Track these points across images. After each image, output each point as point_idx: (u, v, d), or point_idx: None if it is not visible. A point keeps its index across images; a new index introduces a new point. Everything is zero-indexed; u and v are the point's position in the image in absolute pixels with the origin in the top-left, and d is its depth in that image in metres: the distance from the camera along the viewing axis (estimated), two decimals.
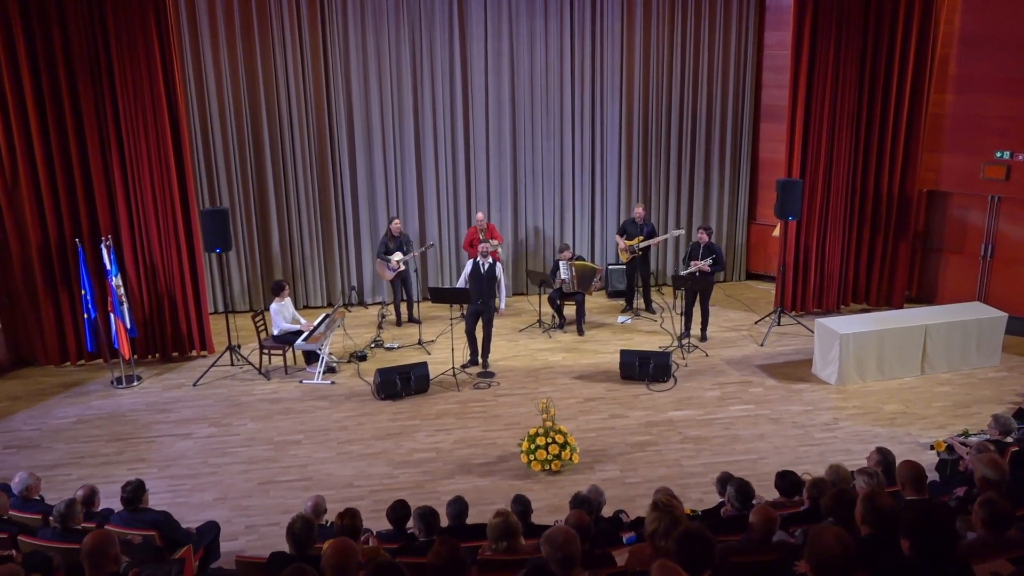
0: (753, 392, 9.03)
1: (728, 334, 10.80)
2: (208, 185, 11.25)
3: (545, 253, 12.45)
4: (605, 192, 12.41)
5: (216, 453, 7.91)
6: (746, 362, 9.86)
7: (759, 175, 12.67)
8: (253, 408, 8.85)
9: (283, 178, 11.45)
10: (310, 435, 8.23)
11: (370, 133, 11.56)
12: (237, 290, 11.72)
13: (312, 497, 5.52)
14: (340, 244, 11.90)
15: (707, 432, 8.14)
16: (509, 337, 10.80)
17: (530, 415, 8.42)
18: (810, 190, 10.87)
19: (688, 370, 9.63)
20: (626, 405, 8.77)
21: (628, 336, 10.77)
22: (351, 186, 11.70)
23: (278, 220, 11.58)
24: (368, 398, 9.05)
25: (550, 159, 12.11)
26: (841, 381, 9.15)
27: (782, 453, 7.70)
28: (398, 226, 10.95)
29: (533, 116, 11.90)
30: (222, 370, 9.81)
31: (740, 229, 12.85)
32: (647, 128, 12.24)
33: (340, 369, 9.85)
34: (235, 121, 11.12)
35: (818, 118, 10.67)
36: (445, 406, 8.81)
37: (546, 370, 9.73)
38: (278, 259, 11.70)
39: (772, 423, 8.31)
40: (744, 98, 12.30)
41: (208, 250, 9.68)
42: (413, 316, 11.32)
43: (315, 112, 11.31)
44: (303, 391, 9.27)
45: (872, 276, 11.43)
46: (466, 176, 11.96)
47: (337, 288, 12.05)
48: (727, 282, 12.95)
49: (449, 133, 11.76)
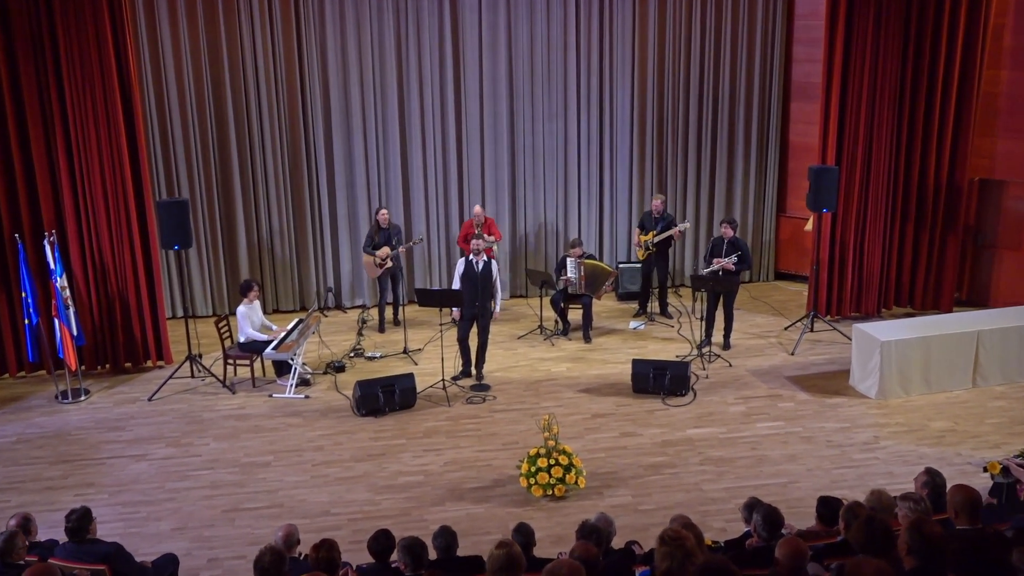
0: (783, 407, 9.02)
1: (754, 341, 10.79)
2: (165, 174, 11.24)
3: (547, 250, 12.45)
4: (615, 182, 12.41)
5: (174, 477, 7.88)
6: (775, 373, 9.85)
7: (789, 162, 12.67)
8: (216, 426, 8.83)
9: (250, 166, 11.45)
10: (281, 456, 8.20)
11: (349, 116, 11.55)
12: (198, 292, 11.70)
13: (283, 526, 5.50)
14: (315, 240, 11.90)
15: (731, 452, 8.13)
16: (506, 345, 10.79)
17: (530, 433, 8.41)
18: (847, 178, 10.88)
19: (709, 382, 9.62)
20: (639, 422, 8.75)
21: (641, 344, 10.75)
22: (328, 175, 11.69)
23: (244, 213, 11.57)
24: (347, 414, 9.04)
25: (552, 145, 12.10)
26: (882, 395, 9.15)
27: (816, 476, 7.69)
28: (386, 216, 10.95)
29: (533, 96, 11.90)
30: (181, 383, 9.79)
31: (768, 223, 12.86)
32: (662, 109, 12.24)
33: (315, 381, 9.83)
34: (196, 101, 11.11)
35: (856, 97, 10.67)
36: (434, 423, 8.79)
37: (548, 382, 9.72)
38: (245, 257, 11.69)
39: (804, 442, 8.30)
40: (772, 75, 12.31)
41: (165, 247, 9.66)
42: (398, 319, 11.32)
43: (286, 92, 11.30)
44: (273, 406, 9.25)
45: (917, 276, 11.43)
46: (457, 164, 11.95)
47: (312, 290, 12.04)
48: (753, 282, 12.94)
49: (439, 115, 11.76)
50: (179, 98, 11.04)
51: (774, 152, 12.58)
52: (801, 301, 12.01)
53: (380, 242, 10.94)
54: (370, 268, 11.12)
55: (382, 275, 11.06)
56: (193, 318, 10.95)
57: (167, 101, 11.02)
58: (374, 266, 11.00)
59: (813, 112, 11.52)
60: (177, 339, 10.60)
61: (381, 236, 10.95)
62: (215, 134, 11.28)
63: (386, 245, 10.91)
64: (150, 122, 10.98)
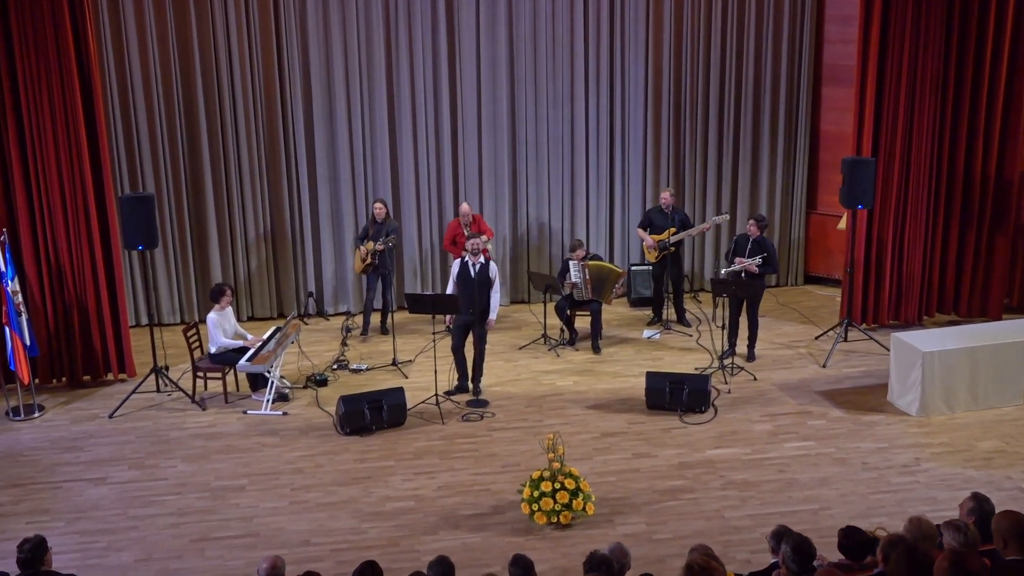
0: (813, 425, 9.02)
1: (782, 352, 10.79)
2: (129, 166, 11.26)
3: (551, 251, 12.46)
4: (627, 174, 12.42)
5: (138, 502, 7.88)
6: (805, 387, 9.84)
7: (820, 153, 12.68)
8: (184, 446, 8.83)
9: (223, 157, 11.46)
10: (256, 480, 8.20)
11: (332, 101, 11.56)
12: (165, 298, 11.71)
13: (268, 558, 5.48)
14: (294, 240, 11.91)
15: (756, 476, 8.12)
16: (507, 356, 10.78)
17: (533, 454, 8.40)
18: (885, 171, 10.88)
19: (732, 398, 9.62)
20: (654, 442, 8.75)
21: (656, 355, 10.76)
22: (308, 168, 11.70)
23: (216, 210, 11.58)
24: (329, 433, 9.03)
25: (558, 134, 12.12)
26: (924, 412, 9.14)
27: (850, 502, 7.68)
28: (382, 210, 10.98)
29: (536, 80, 11.92)
30: (145, 398, 9.79)
31: (796, 220, 12.87)
32: (679, 94, 12.26)
33: (294, 396, 9.83)
34: (162, 86, 11.12)
35: (894, 80, 10.68)
36: (426, 443, 8.79)
37: (553, 397, 9.71)
38: (216, 258, 11.70)
39: (838, 464, 8.30)
40: (801, 56, 12.32)
41: (129, 247, 9.67)
42: (386, 326, 11.33)
43: (262, 74, 11.32)
44: (247, 424, 9.25)
45: (963, 280, 11.43)
46: (452, 156, 11.97)
47: (290, 295, 12.05)
48: (781, 286, 12.94)
49: (431, 101, 11.77)
50: (143, 82, 11.05)
51: (803, 142, 12.59)
52: (834, 307, 12.00)
53: (372, 237, 10.96)
54: (357, 262, 11.14)
55: (370, 273, 11.06)
56: (159, 326, 10.94)
57: (130, 85, 11.03)
58: (360, 261, 11.01)
59: (847, 98, 11.52)
60: (141, 349, 10.59)
61: (375, 231, 10.96)
62: (183, 122, 11.29)
63: (373, 241, 10.91)
64: (111, 109, 11.00)
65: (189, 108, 11.27)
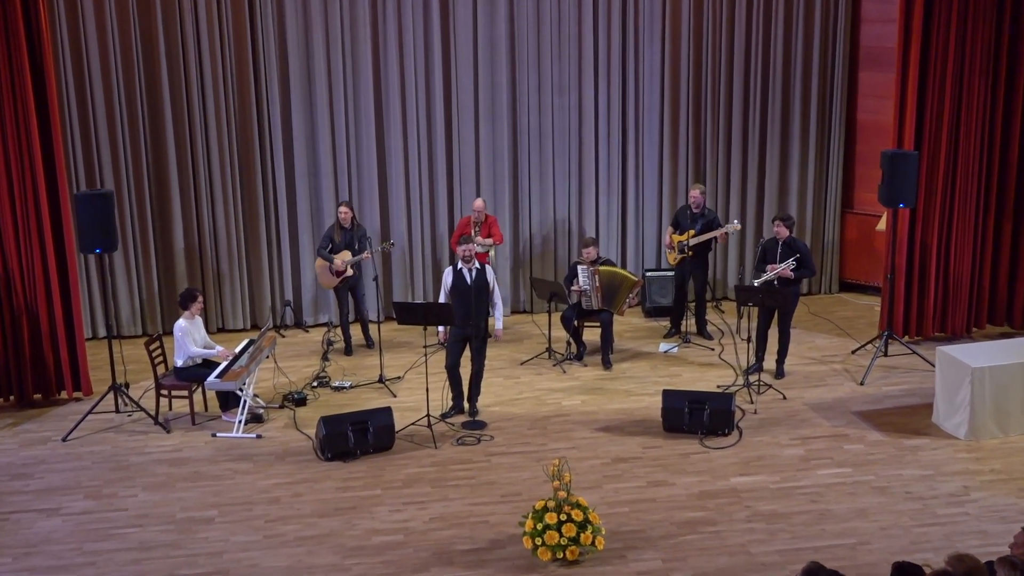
0: (850, 450, 9.01)
1: (814, 368, 10.78)
2: (85, 161, 11.28)
3: (557, 254, 12.46)
4: (641, 170, 12.43)
5: (95, 536, 7.87)
6: (840, 407, 9.84)
7: (857, 145, 12.69)
8: (146, 472, 8.82)
9: (190, 151, 11.47)
10: (227, 510, 8.19)
11: (312, 87, 11.58)
12: (125, 307, 11.71)
13: None
14: (270, 243, 11.91)
15: (786, 506, 8.12)
16: (507, 372, 10.79)
17: (536, 482, 8.40)
18: (929, 166, 10.88)
19: (759, 419, 9.62)
20: (671, 468, 8.75)
21: (674, 371, 10.75)
22: (285, 163, 11.72)
23: (183, 209, 11.59)
24: (309, 458, 9.03)
25: (564, 125, 12.14)
26: (973, 435, 9.13)
27: (892, 536, 7.68)
28: (348, 214, 10.95)
29: (540, 65, 11.94)
30: (103, 419, 9.79)
31: (831, 221, 12.87)
32: (699, 79, 12.28)
33: (269, 417, 9.83)
34: (123, 73, 11.14)
35: (940, 64, 10.69)
36: (417, 469, 8.79)
37: (558, 418, 9.71)
38: (183, 263, 11.71)
39: (877, 494, 8.29)
40: (836, 37, 12.34)
41: (85, 250, 9.67)
42: (370, 341, 11.32)
43: (234, 58, 11.34)
44: (217, 448, 9.24)
45: (1016, 287, 11.43)
46: (446, 149, 11.98)
47: (265, 304, 12.05)
48: (813, 294, 12.95)
49: (423, 88, 11.79)
50: (102, 66, 11.07)
51: (838, 133, 12.60)
52: (872, 318, 12.00)
53: (340, 246, 10.94)
54: (323, 276, 11.12)
55: (340, 287, 11.06)
56: (118, 339, 10.94)
57: (87, 69, 11.05)
58: (329, 274, 10.99)
59: (887, 83, 11.53)
60: (98, 365, 10.59)
61: (343, 238, 10.94)
62: (146, 110, 11.30)
63: (347, 249, 10.91)
64: (66, 98, 11.02)
65: (152, 94, 11.28)
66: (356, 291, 11.18)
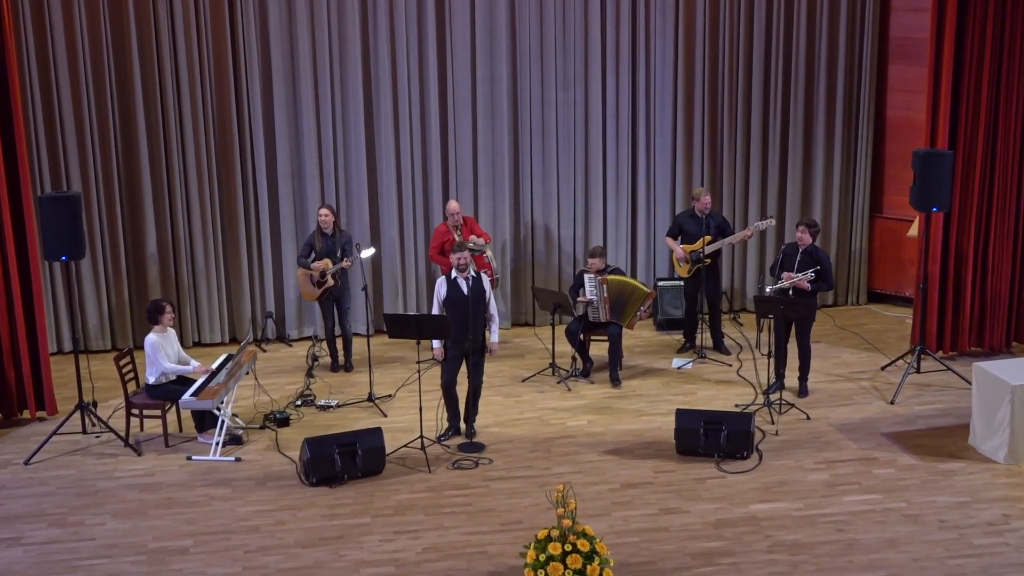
0: (880, 475, 9.01)
1: (840, 385, 10.78)
2: (51, 161, 11.29)
3: (561, 263, 12.47)
4: (652, 170, 12.44)
5: (60, 567, 7.84)
6: (868, 428, 9.83)
7: (886, 144, 12.71)
8: (116, 498, 8.81)
9: (163, 150, 11.49)
10: (203, 540, 8.18)
11: (296, 81, 11.60)
12: (93, 319, 11.72)
13: None
14: (250, 250, 11.93)
15: (809, 536, 8.11)
16: (507, 390, 10.78)
17: (539, 510, 8.39)
18: (965, 166, 10.89)
19: (780, 440, 9.61)
20: (686, 494, 8.74)
21: (688, 388, 10.75)
22: (267, 162, 11.73)
23: (156, 213, 11.60)
24: (292, 483, 9.02)
25: (568, 122, 12.16)
26: (1014, 458, 9.12)
27: (925, 568, 7.66)
28: (329, 218, 10.94)
29: (543, 57, 11.96)
30: (69, 441, 9.78)
31: (858, 226, 12.88)
32: (715, 73, 12.30)
33: (249, 439, 9.82)
34: (92, 64, 11.16)
35: (976, 57, 10.70)
36: (409, 495, 8.78)
37: (563, 440, 9.71)
38: (155, 272, 11.72)
39: (909, 522, 8.28)
40: (864, 27, 12.36)
41: (50, 258, 9.67)
42: (349, 362, 11.33)
43: (212, 49, 11.35)
44: (192, 472, 9.24)
45: None
46: (442, 147, 12.00)
47: (245, 316, 12.06)
48: (839, 306, 12.95)
49: (416, 83, 11.81)
50: (69, 59, 11.08)
51: (866, 132, 12.62)
52: (904, 331, 12.00)
53: (322, 254, 10.94)
54: (305, 287, 11.11)
55: (323, 298, 11.06)
56: (86, 353, 10.93)
57: (53, 64, 11.07)
58: (311, 285, 10.99)
59: (919, 78, 11.54)
60: (64, 381, 10.59)
61: (324, 245, 10.93)
62: (116, 106, 11.32)
63: (329, 257, 10.91)
64: (30, 92, 11.03)
65: (123, 88, 11.30)
66: (340, 304, 11.16)
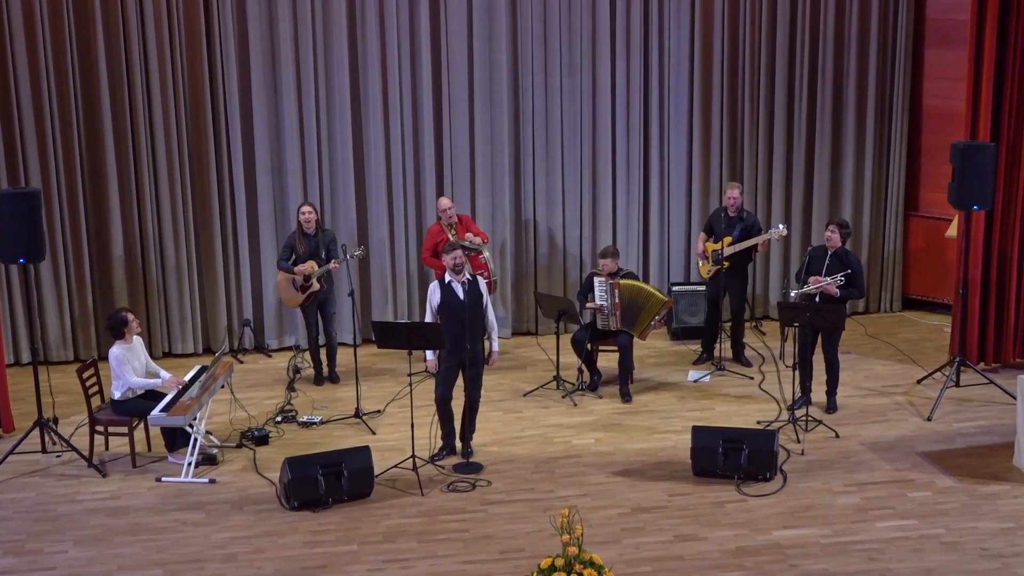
0: (915, 498, 9.00)
1: (872, 400, 10.78)
2: (7, 156, 11.31)
3: (566, 266, 12.49)
4: (666, 166, 12.46)
5: None
6: (903, 447, 9.83)
7: (922, 136, 12.72)
8: (79, 524, 8.80)
9: (131, 143, 11.50)
10: (174, 569, 8.17)
11: (277, 66, 11.62)
12: (54, 328, 11.72)
13: None
14: (225, 252, 11.94)
15: (839, 565, 8.11)
16: (507, 405, 10.79)
17: (542, 536, 8.39)
18: (1009, 160, 10.89)
19: (806, 460, 9.61)
20: (703, 520, 8.74)
21: (706, 404, 10.76)
22: (245, 155, 11.75)
23: (123, 212, 11.61)
24: (271, 507, 9.02)
25: (574, 110, 12.17)
26: None
27: None
28: (311, 217, 10.95)
29: (547, 39, 11.98)
30: (27, 461, 9.78)
31: (891, 226, 12.89)
32: (735, 57, 12.32)
33: (224, 458, 9.83)
34: (53, 49, 11.16)
35: (1021, 39, 10.70)
36: (400, 520, 8.78)
37: (568, 460, 9.70)
38: (122, 276, 11.72)
39: (948, 550, 8.28)
40: (898, 8, 12.38)
41: (6, 261, 9.68)
42: (334, 373, 11.36)
43: (185, 31, 11.37)
44: (162, 495, 9.23)
45: None
46: (435, 139, 12.01)
47: (220, 324, 12.07)
48: (870, 313, 12.96)
49: (408, 67, 11.83)
50: (27, 42, 11.09)
51: (900, 122, 12.63)
52: (942, 341, 12.00)
53: (305, 255, 10.95)
54: (287, 292, 11.11)
55: (306, 304, 11.08)
56: (46, 365, 10.94)
57: (10, 48, 11.08)
58: (293, 289, 11.00)
59: (958, 63, 11.55)
60: (21, 396, 10.59)
61: (307, 246, 10.93)
62: (80, 98, 11.34)
63: (312, 259, 10.93)
64: None
65: (87, 75, 11.31)
66: (325, 309, 11.19)
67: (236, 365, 11.48)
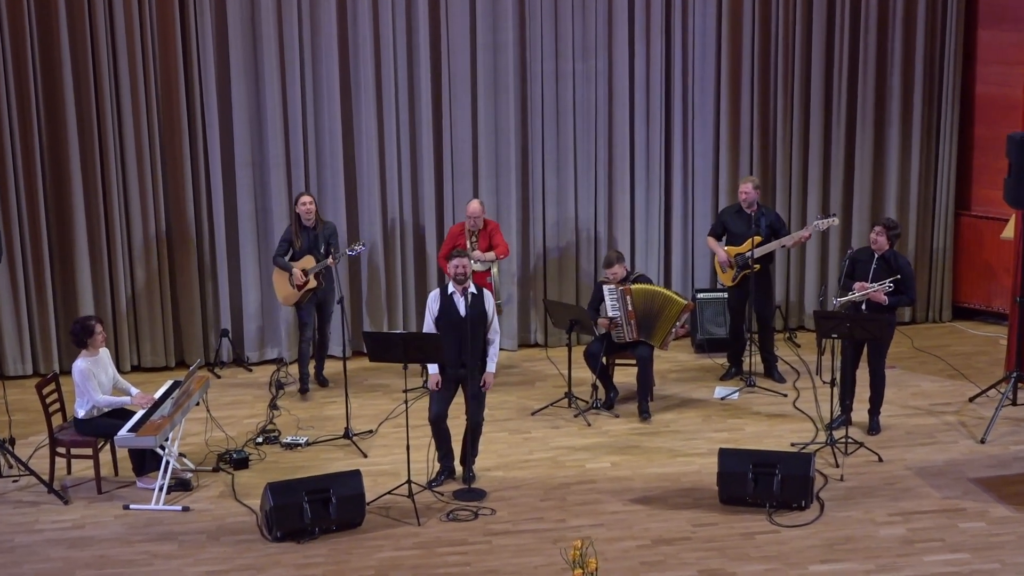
0: (967, 529, 8.98)
1: (919, 420, 10.77)
2: None
3: (579, 271, 12.49)
4: (690, 158, 12.47)
5: None
6: (954, 472, 9.82)
7: (975, 127, 12.71)
8: (37, 556, 8.81)
9: (97, 133, 11.52)
10: None
11: (258, 53, 11.64)
12: (11, 339, 11.75)
13: None
14: (201, 255, 11.96)
15: None
16: (514, 425, 10.79)
17: (553, 571, 8.39)
18: None
19: (846, 487, 9.60)
20: (731, 553, 8.72)
21: (734, 423, 10.75)
22: (222, 148, 11.77)
23: (87, 209, 11.63)
24: (252, 537, 9.01)
25: (588, 99, 12.19)
26: None
27: None
28: (310, 207, 10.98)
29: (557, 19, 12.00)
30: None
31: (940, 227, 12.89)
32: (767, 40, 12.32)
33: (199, 484, 9.83)
34: (10, 30, 11.19)
35: None
36: (394, 553, 8.77)
37: (581, 487, 9.70)
38: (86, 281, 11.74)
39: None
40: None
41: None
42: (321, 375, 11.40)
43: (157, 15, 11.38)
44: (130, 524, 9.23)
45: None
46: (434, 131, 12.03)
47: (195, 335, 12.07)
48: (917, 323, 12.96)
49: (403, 51, 11.85)
50: None
51: (950, 112, 12.62)
52: (997, 354, 11.99)
53: (303, 249, 10.97)
54: (283, 289, 11.13)
55: (303, 302, 11.08)
56: (2, 380, 10.96)
57: None
58: (289, 287, 11.01)
59: (1016, 45, 11.54)
60: None
61: (305, 240, 10.97)
62: (40, 84, 11.36)
63: (311, 254, 10.94)
64: None
65: (48, 63, 11.33)
66: (324, 308, 11.24)
67: (212, 380, 11.49)
